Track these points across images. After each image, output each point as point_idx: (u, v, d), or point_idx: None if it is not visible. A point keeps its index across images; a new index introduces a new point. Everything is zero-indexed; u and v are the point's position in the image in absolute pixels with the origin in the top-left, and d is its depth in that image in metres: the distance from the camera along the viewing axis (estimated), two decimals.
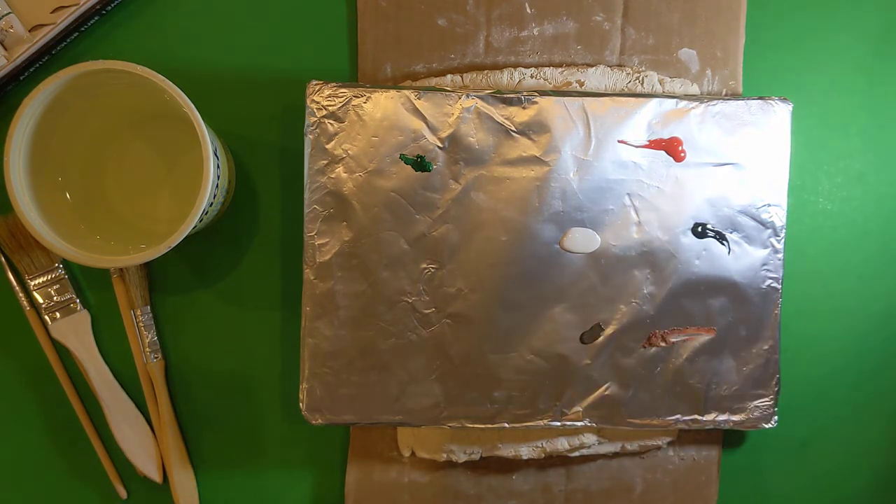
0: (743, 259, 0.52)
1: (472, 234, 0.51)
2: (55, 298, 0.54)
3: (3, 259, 0.54)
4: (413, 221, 0.51)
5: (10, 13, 0.51)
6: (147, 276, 0.55)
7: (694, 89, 0.55)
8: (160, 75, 0.46)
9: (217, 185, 0.48)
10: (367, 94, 0.50)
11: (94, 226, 0.51)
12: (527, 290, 0.51)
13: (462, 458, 0.54)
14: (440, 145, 0.50)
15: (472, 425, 0.51)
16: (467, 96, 0.50)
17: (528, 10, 0.55)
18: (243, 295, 0.55)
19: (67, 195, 0.51)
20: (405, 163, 0.50)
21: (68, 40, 0.54)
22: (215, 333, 0.55)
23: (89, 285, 0.55)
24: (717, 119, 0.51)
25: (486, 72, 0.53)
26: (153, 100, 0.49)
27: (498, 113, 0.50)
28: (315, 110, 0.50)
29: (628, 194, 0.51)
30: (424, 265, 0.51)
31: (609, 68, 0.54)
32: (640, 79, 0.54)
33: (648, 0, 0.55)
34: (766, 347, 0.53)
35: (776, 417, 0.53)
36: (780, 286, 0.52)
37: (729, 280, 0.52)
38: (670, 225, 0.51)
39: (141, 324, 0.54)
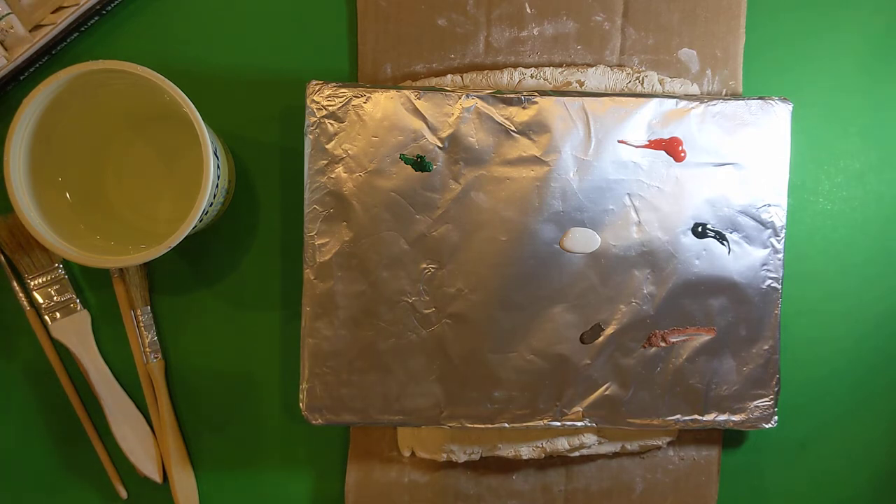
0: (743, 259, 0.52)
1: (472, 234, 0.51)
2: (55, 298, 0.54)
3: (3, 259, 0.54)
4: (413, 221, 0.51)
5: (10, 13, 0.51)
6: (147, 276, 0.55)
7: (694, 89, 0.55)
8: (160, 75, 0.46)
9: (217, 185, 0.48)
10: (367, 94, 0.50)
11: (94, 226, 0.51)
12: (527, 290, 0.51)
13: (462, 458, 0.54)
14: (440, 145, 0.50)
15: (472, 425, 0.51)
16: (467, 96, 0.50)
17: (528, 10, 0.55)
18: (243, 295, 0.55)
19: (67, 195, 0.51)
20: (405, 163, 0.50)
21: (68, 40, 0.54)
22: (215, 333, 0.55)
23: (89, 285, 0.55)
24: (717, 119, 0.51)
25: (486, 72, 0.53)
26: (153, 100, 0.49)
27: (498, 113, 0.50)
28: (315, 110, 0.50)
29: (628, 194, 0.51)
30: (424, 265, 0.51)
31: (609, 68, 0.54)
32: (640, 79, 0.54)
33: (648, 0, 0.55)
34: (766, 347, 0.53)
35: (776, 417, 0.53)
36: (780, 286, 0.52)
37: (729, 280, 0.52)
38: (670, 225, 0.51)
39: (141, 324, 0.54)
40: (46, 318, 0.54)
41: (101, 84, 0.48)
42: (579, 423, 0.52)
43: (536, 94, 0.51)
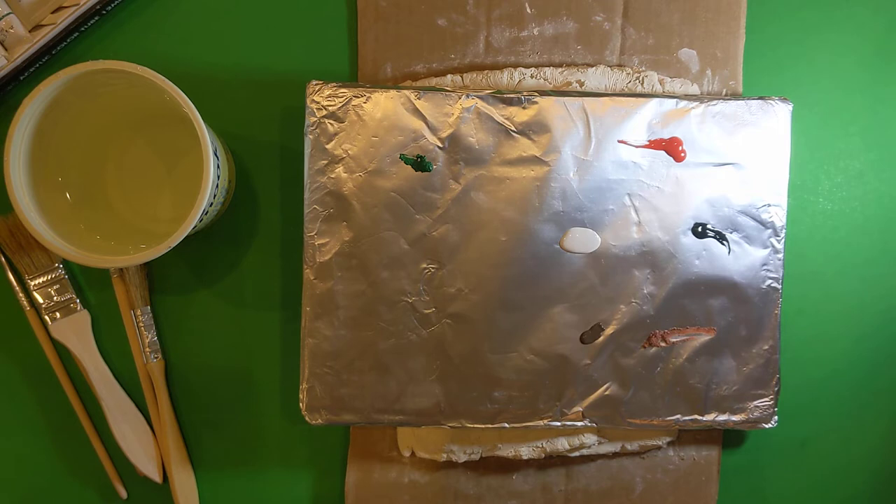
0: (743, 259, 0.52)
1: (472, 234, 0.51)
2: (55, 298, 0.54)
3: (3, 259, 0.54)
4: (413, 221, 0.51)
5: (10, 13, 0.51)
6: (147, 276, 0.55)
7: (694, 89, 0.55)
8: (160, 75, 0.46)
9: (217, 185, 0.48)
10: (367, 94, 0.50)
11: (94, 226, 0.51)
12: (527, 290, 0.51)
13: (462, 458, 0.54)
14: (440, 145, 0.50)
15: (472, 425, 0.51)
16: (467, 96, 0.50)
17: (528, 10, 0.55)
18: (243, 295, 0.55)
19: (67, 195, 0.51)
20: (405, 163, 0.50)
21: (68, 40, 0.54)
22: (215, 333, 0.55)
23: (89, 285, 0.55)
24: (717, 119, 0.51)
25: (486, 72, 0.53)
26: (153, 100, 0.49)
27: (498, 113, 0.50)
28: (315, 110, 0.50)
29: (628, 194, 0.51)
30: (424, 265, 0.51)
31: (609, 68, 0.54)
32: (640, 79, 0.54)
33: (648, 0, 0.55)
34: (766, 347, 0.53)
35: (776, 417, 0.53)
36: (780, 286, 0.52)
37: (729, 280, 0.52)
38: (670, 225, 0.51)
39: (141, 324, 0.54)
40: (46, 318, 0.54)
41: (101, 84, 0.48)
42: (579, 423, 0.52)
43: (536, 94, 0.51)
